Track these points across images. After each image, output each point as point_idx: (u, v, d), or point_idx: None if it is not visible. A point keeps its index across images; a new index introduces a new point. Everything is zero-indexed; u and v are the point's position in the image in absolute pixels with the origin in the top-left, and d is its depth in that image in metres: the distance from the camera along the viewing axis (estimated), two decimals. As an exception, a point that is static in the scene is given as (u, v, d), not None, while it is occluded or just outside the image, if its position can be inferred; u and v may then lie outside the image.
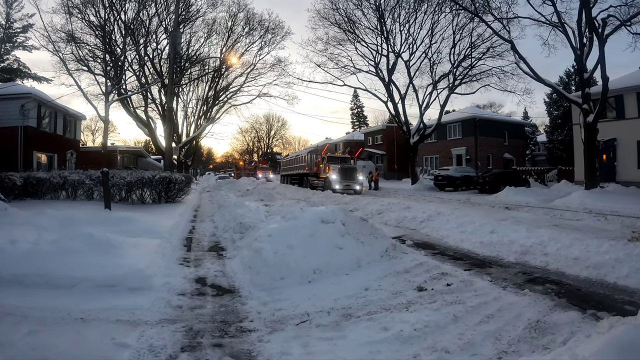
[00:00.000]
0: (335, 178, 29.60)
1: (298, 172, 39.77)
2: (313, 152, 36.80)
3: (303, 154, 40.95)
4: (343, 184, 29.56)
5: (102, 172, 12.88)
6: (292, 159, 46.08)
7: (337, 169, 30.09)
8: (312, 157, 35.40)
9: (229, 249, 9.28)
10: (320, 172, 32.42)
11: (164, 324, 4.92)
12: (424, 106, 35.05)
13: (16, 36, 46.92)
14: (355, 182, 30.32)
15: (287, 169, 46.40)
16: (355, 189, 29.89)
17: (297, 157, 43.49)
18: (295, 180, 40.58)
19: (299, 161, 40.77)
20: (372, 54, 35.34)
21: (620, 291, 6.18)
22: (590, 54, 22.69)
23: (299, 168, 39.84)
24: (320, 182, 31.85)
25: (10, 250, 6.52)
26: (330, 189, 28.08)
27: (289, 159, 48.33)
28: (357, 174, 30.94)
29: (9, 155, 24.65)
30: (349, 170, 30.55)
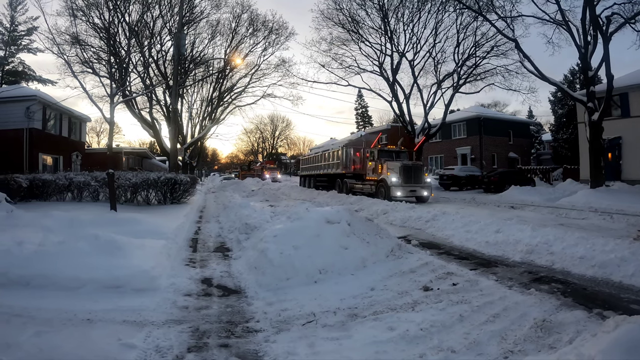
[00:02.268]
0: (396, 181, 21.46)
1: (327, 172, 30.84)
2: (350, 145, 28.99)
3: (335, 148, 31.71)
4: (407, 189, 21.50)
5: (107, 174, 12.91)
6: (317, 155, 35.31)
7: (397, 167, 21.82)
8: (348, 153, 27.30)
9: (234, 250, 9.30)
10: (367, 172, 24.78)
11: (170, 325, 4.93)
12: (429, 106, 34.92)
13: (21, 39, 47.21)
14: (422, 185, 22.16)
15: (310, 168, 36.38)
16: (423, 195, 22.05)
17: (324, 153, 33.03)
18: (323, 182, 32.22)
19: (327, 158, 31.48)
20: (376, 53, 35.24)
21: (626, 290, 6.17)
22: (594, 52, 22.60)
23: (328, 167, 31.00)
24: (368, 186, 24.05)
25: (16, 251, 6.54)
26: (387, 197, 21.02)
27: (312, 156, 37.45)
28: (424, 174, 22.99)
29: (15, 157, 24.79)
30: (414, 170, 22.17)
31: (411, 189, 21.71)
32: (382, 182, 22.44)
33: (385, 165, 22.76)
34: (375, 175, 23.49)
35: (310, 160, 37.18)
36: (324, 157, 32.47)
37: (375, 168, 23.64)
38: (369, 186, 23.93)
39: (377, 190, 22.86)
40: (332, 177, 30.00)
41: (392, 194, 21.17)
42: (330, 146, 36.34)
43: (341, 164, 27.91)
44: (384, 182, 22.21)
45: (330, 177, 30.42)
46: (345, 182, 27.09)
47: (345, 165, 27.42)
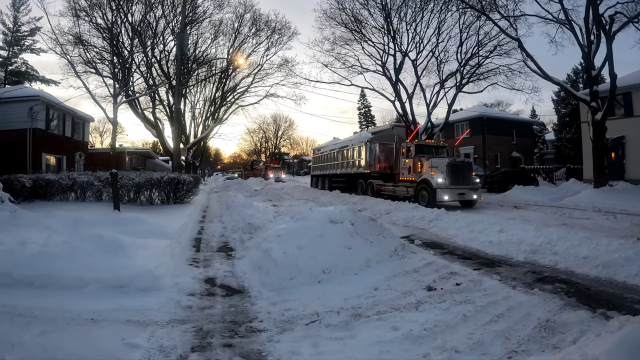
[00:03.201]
0: (443, 182, 17.60)
1: (346, 171, 27.39)
2: (375, 140, 24.80)
3: (354, 144, 27.11)
4: (455, 191, 17.91)
5: (110, 174, 12.93)
6: (333, 153, 31.10)
7: (443, 165, 18.08)
8: (372, 149, 23.79)
9: (237, 250, 9.31)
10: (400, 172, 21.18)
11: (174, 324, 4.94)
12: (432, 105, 34.84)
13: (24, 39, 47.27)
14: (472, 187, 18.46)
15: (324, 167, 32.62)
16: (472, 199, 18.51)
17: (342, 150, 28.75)
18: (340, 183, 28.49)
19: (346, 156, 27.62)
20: (379, 53, 35.14)
21: (629, 290, 6.16)
22: (597, 51, 22.57)
23: (347, 166, 27.43)
24: (402, 189, 20.41)
25: (20, 251, 6.56)
26: (432, 202, 17.39)
27: (326, 154, 32.95)
28: (472, 174, 19.18)
29: (18, 157, 24.83)
30: (463, 168, 18.52)
31: (460, 192, 18.08)
32: (424, 184, 18.42)
33: (427, 163, 18.95)
34: (413, 175, 19.63)
35: (324, 159, 33.04)
36: (342, 155, 28.52)
37: (414, 166, 19.69)
38: (404, 188, 20.18)
39: (416, 193, 18.88)
40: (353, 177, 26.43)
41: (438, 198, 17.45)
42: (349, 142, 29.93)
43: (364, 162, 24.38)
44: (426, 183, 18.18)
45: (350, 177, 26.93)
46: (370, 184, 23.57)
47: (370, 164, 23.87)
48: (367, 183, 24.11)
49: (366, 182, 24.24)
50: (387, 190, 22.01)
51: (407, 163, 20.41)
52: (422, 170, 19.15)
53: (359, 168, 25.30)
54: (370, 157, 23.95)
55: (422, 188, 18.52)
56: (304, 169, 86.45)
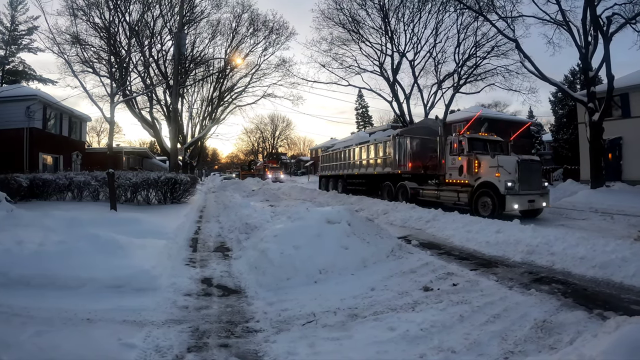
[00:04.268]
0: (513, 185, 13.90)
1: (366, 172, 23.62)
2: (407, 134, 20.43)
3: (378, 139, 23.30)
4: (525, 198, 14.13)
5: (107, 173, 12.90)
6: (347, 150, 26.68)
7: (511, 164, 14.41)
8: (403, 144, 19.91)
9: (234, 250, 9.29)
10: (447, 172, 17.06)
11: (170, 325, 4.93)
12: (429, 106, 34.88)
13: (21, 38, 47.25)
14: (542, 192, 14.85)
15: (336, 167, 28.41)
16: (541, 207, 14.89)
17: (361, 146, 24.89)
18: (358, 185, 24.62)
19: (366, 154, 23.98)
20: (376, 53, 35.19)
21: (626, 291, 6.17)
22: (595, 52, 22.60)
23: (367, 165, 23.70)
24: (452, 194, 16.31)
25: (16, 251, 6.54)
26: (497, 211, 13.89)
27: (338, 151, 28.49)
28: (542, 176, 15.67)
29: (15, 156, 24.77)
30: (534, 169, 14.98)
31: (530, 198, 14.24)
32: (485, 188, 14.58)
33: (486, 162, 15.26)
34: (467, 176, 15.72)
35: (337, 157, 28.57)
36: (361, 153, 24.63)
37: (468, 166, 15.62)
38: (453, 194, 16.19)
39: (473, 200, 14.96)
40: (375, 179, 22.50)
41: (508, 207, 13.78)
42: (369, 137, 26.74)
43: (392, 160, 20.40)
44: (490, 187, 14.38)
45: (372, 178, 22.90)
46: (402, 187, 19.27)
47: (400, 163, 19.94)
48: (397, 186, 19.80)
49: (395, 185, 20.02)
50: (428, 194, 17.83)
51: (458, 161, 16.29)
52: (480, 171, 15.34)
53: (384, 167, 21.37)
54: (400, 155, 19.97)
55: (484, 194, 14.59)
56: (301, 169, 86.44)
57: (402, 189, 19.31)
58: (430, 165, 19.15)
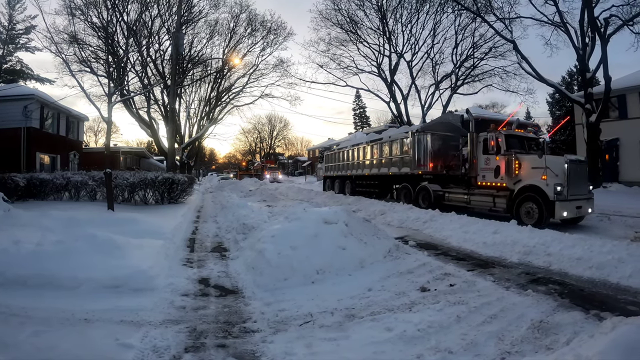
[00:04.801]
0: (562, 190, 12.19)
1: (380, 172, 21.28)
2: (428, 129, 18.54)
3: (393, 136, 20.86)
4: (573, 204, 12.51)
5: (105, 173, 12.89)
6: (356, 149, 24.66)
7: (559, 165, 12.66)
8: (423, 141, 17.90)
9: (232, 250, 9.29)
10: (479, 173, 15.01)
11: (167, 325, 4.93)
12: (427, 106, 35.02)
13: (19, 37, 47.15)
14: (588, 196, 13.32)
15: (344, 167, 26.30)
16: (587, 213, 13.30)
17: (372, 144, 22.68)
18: (369, 187, 22.57)
19: (379, 152, 21.75)
20: (374, 54, 35.31)
21: (623, 291, 6.19)
22: (592, 53, 22.72)
23: (380, 164, 21.49)
24: (486, 198, 14.38)
25: (14, 251, 6.53)
26: (545, 219, 12.13)
27: (345, 150, 26.38)
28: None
29: (12, 156, 24.72)
30: (582, 170, 13.40)
31: (577, 205, 12.62)
32: (529, 192, 12.77)
33: (528, 163, 13.48)
34: (505, 178, 13.76)
35: (343, 157, 26.45)
36: (373, 151, 22.44)
37: (508, 167, 13.71)
38: (488, 198, 14.23)
39: (514, 205, 13.08)
40: (390, 180, 20.52)
41: (557, 214, 12.05)
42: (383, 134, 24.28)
43: (411, 159, 18.29)
44: (537, 192, 12.54)
45: (386, 179, 20.90)
46: (423, 190, 17.25)
47: (419, 162, 17.93)
48: (417, 188, 17.75)
49: (414, 187, 17.96)
50: (455, 199, 15.91)
51: (494, 161, 14.32)
52: (520, 173, 13.50)
53: (401, 168, 19.16)
54: (420, 153, 17.97)
55: (527, 199, 12.76)
56: (298, 170, 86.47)
57: (424, 192, 17.26)
58: (452, 165, 17.54)
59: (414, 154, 18.03)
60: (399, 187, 19.33)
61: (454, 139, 18.03)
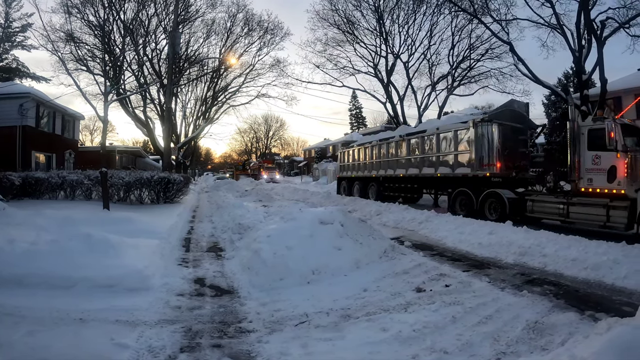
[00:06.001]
0: None
1: (421, 173, 17.64)
2: (495, 121, 14.63)
3: (444, 128, 16.73)
4: None
5: (100, 172, 12.87)
6: (383, 145, 21.05)
7: None
8: (488, 135, 14.42)
9: (227, 250, 9.28)
10: (583, 176, 11.69)
11: (163, 325, 4.92)
12: (423, 107, 34.98)
13: (15, 35, 46.89)
14: None
15: (365, 166, 22.87)
16: None
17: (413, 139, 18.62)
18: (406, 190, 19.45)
19: (418, 148, 18.02)
20: (371, 55, 35.25)
21: (618, 292, 6.22)
22: (588, 55, 22.71)
23: (419, 164, 17.79)
24: (597, 211, 10.86)
25: (8, 250, 6.51)
26: None
27: (371, 146, 22.44)
28: None
29: (8, 155, 24.59)
30: None
31: None
32: None
33: None
34: (625, 184, 10.49)
35: (365, 154, 22.89)
36: (411, 147, 18.53)
37: (633, 167, 10.55)
38: (600, 210, 10.75)
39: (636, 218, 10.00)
40: (436, 183, 17.24)
41: None
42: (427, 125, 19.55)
43: (470, 157, 14.87)
44: None
45: (430, 182, 17.59)
46: (495, 197, 13.52)
47: (483, 160, 14.43)
48: (482, 194, 13.99)
49: (477, 192, 14.23)
50: (545, 210, 12.38)
51: (607, 160, 10.99)
52: None
53: (456, 168, 15.50)
54: (484, 149, 14.44)
55: None
56: (294, 170, 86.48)
57: (494, 200, 13.59)
58: (522, 166, 14.77)
59: (476, 151, 14.47)
60: (454, 192, 15.29)
61: (522, 132, 15.26)
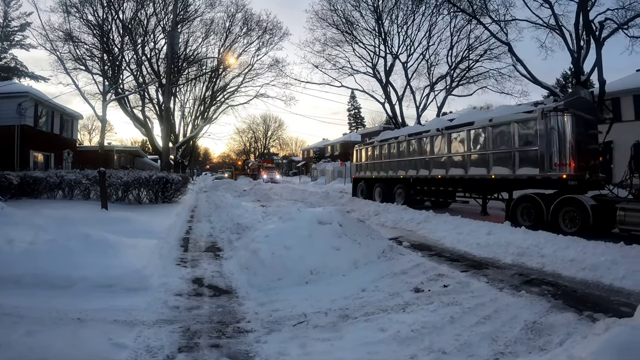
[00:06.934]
0: None
1: (467, 174, 14.48)
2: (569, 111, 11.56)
3: (500, 119, 13.38)
4: None
5: (98, 172, 12.86)
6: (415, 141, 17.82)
7: None
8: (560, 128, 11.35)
9: (225, 250, 9.28)
10: None
11: (161, 325, 4.92)
12: (421, 108, 34.92)
13: (14, 34, 46.79)
14: None
15: (390, 166, 19.70)
16: None
17: (454, 133, 15.37)
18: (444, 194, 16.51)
19: (462, 145, 14.90)
20: (369, 55, 35.23)
21: (616, 293, 6.21)
22: (587, 56, 22.74)
23: (462, 163, 14.78)
24: None
25: (7, 249, 6.50)
26: None
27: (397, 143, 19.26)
28: None
29: (6, 154, 24.59)
30: None
31: None
32: None
33: None
34: None
35: (390, 151, 19.77)
36: (452, 143, 15.40)
37: None
38: None
39: None
40: (486, 185, 14.04)
41: None
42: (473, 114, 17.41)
43: (536, 154, 11.81)
44: None
45: (478, 185, 14.43)
46: (574, 204, 10.83)
47: (555, 159, 11.40)
48: (555, 201, 11.17)
49: (546, 198, 11.52)
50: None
51: None
52: None
53: (517, 167, 12.38)
54: (555, 145, 11.40)
55: None
56: (293, 170, 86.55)
57: (572, 208, 10.86)
58: (595, 166, 12.18)
59: (546, 147, 11.50)
60: (516, 198, 12.61)
61: (592, 125, 12.56)
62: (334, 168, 49.68)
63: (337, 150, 72.15)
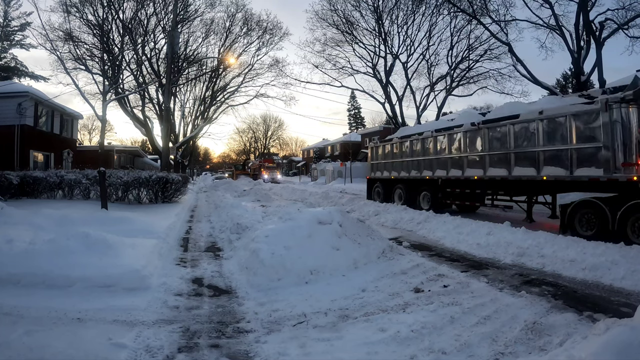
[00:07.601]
0: None
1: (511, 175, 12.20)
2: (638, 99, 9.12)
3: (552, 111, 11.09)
4: None
5: (98, 172, 12.86)
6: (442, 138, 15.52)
7: None
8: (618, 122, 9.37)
9: (225, 250, 9.28)
10: None
11: (160, 325, 4.91)
12: (422, 108, 34.91)
13: (14, 34, 46.80)
14: None
15: (412, 165, 17.42)
16: None
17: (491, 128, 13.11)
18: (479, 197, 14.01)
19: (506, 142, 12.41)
20: (369, 55, 35.23)
21: (616, 293, 6.20)
22: (587, 57, 22.74)
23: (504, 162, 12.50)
24: None
25: (6, 249, 6.51)
26: None
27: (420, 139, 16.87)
28: None
29: (6, 154, 24.57)
30: None
31: None
32: None
33: None
34: None
35: (416, 150, 17.27)
36: (491, 140, 13.18)
37: None
38: None
39: None
40: (533, 188, 12.42)
41: None
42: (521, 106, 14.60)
43: (601, 152, 9.83)
44: None
45: (523, 187, 12.57)
46: None
47: (618, 158, 9.51)
48: (622, 208, 9.06)
49: (612, 204, 9.39)
50: None
51: None
52: None
53: (575, 168, 10.50)
54: (619, 141, 9.57)
55: None
56: (293, 170, 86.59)
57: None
58: None
59: (611, 143, 9.63)
60: (573, 204, 10.36)
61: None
62: (334, 168, 49.63)
63: (337, 150, 72.17)
